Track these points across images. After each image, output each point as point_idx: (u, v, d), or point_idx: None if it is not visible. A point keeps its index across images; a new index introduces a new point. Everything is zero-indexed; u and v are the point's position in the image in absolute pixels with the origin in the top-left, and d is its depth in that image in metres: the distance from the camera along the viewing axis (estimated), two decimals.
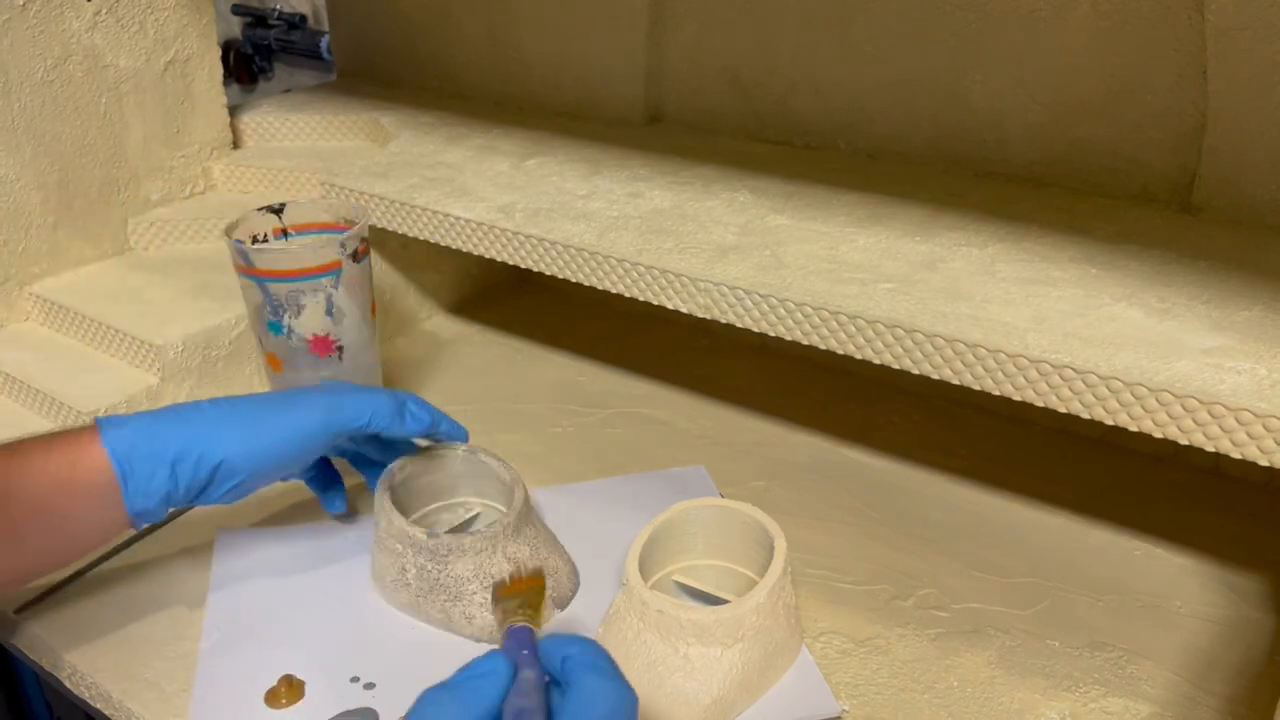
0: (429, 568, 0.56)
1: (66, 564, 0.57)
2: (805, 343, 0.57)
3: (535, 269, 0.67)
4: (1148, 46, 0.64)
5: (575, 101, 0.90)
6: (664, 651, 0.51)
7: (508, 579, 0.47)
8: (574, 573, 0.62)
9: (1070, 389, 0.50)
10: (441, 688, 0.39)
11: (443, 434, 0.62)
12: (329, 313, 0.66)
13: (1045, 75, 0.68)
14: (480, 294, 0.97)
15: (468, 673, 0.39)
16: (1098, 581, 0.62)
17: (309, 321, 0.65)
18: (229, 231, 0.66)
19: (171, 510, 0.56)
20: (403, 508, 0.60)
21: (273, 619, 0.59)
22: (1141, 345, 0.50)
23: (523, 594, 0.45)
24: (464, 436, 0.63)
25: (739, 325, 0.60)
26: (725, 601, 0.54)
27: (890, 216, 0.66)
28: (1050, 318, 0.53)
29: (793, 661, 0.55)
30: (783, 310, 0.57)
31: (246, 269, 0.64)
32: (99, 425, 0.52)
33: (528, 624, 0.43)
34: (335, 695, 0.54)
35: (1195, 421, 0.47)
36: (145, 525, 0.55)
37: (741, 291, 0.58)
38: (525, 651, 0.41)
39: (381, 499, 0.59)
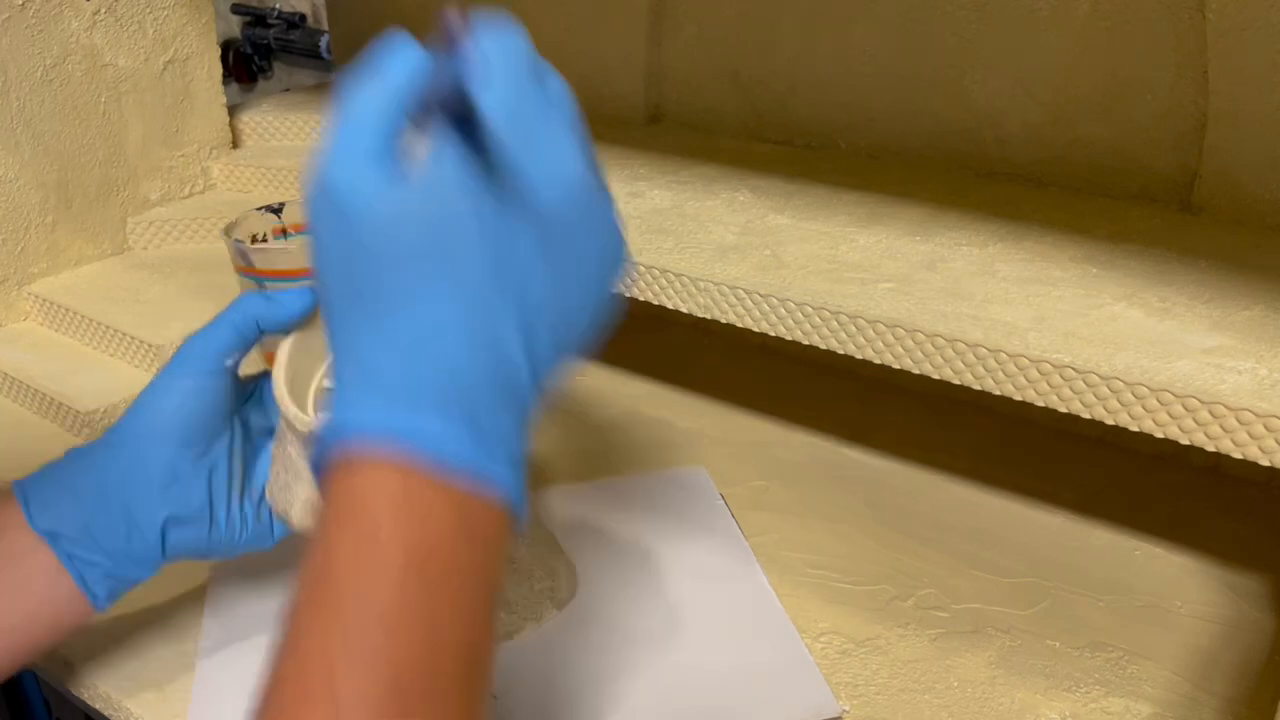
0: None
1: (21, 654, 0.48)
2: (805, 343, 0.57)
3: None
4: (1148, 46, 0.64)
5: (575, 101, 0.90)
6: None
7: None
8: (573, 573, 0.62)
9: (1071, 389, 0.49)
10: (354, 80, 0.37)
11: None
12: None
13: (1045, 74, 0.68)
14: None
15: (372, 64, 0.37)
16: (1098, 581, 0.62)
17: None
18: (228, 231, 0.66)
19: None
20: None
21: (273, 619, 0.58)
22: (1142, 345, 0.50)
23: None
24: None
25: (739, 325, 0.59)
26: None
27: (890, 216, 0.66)
28: (1050, 317, 0.53)
29: None
30: (783, 310, 0.57)
31: (246, 268, 0.64)
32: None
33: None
34: None
35: (1196, 421, 0.47)
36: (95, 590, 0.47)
37: (742, 291, 0.58)
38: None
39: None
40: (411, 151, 0.36)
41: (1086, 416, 0.50)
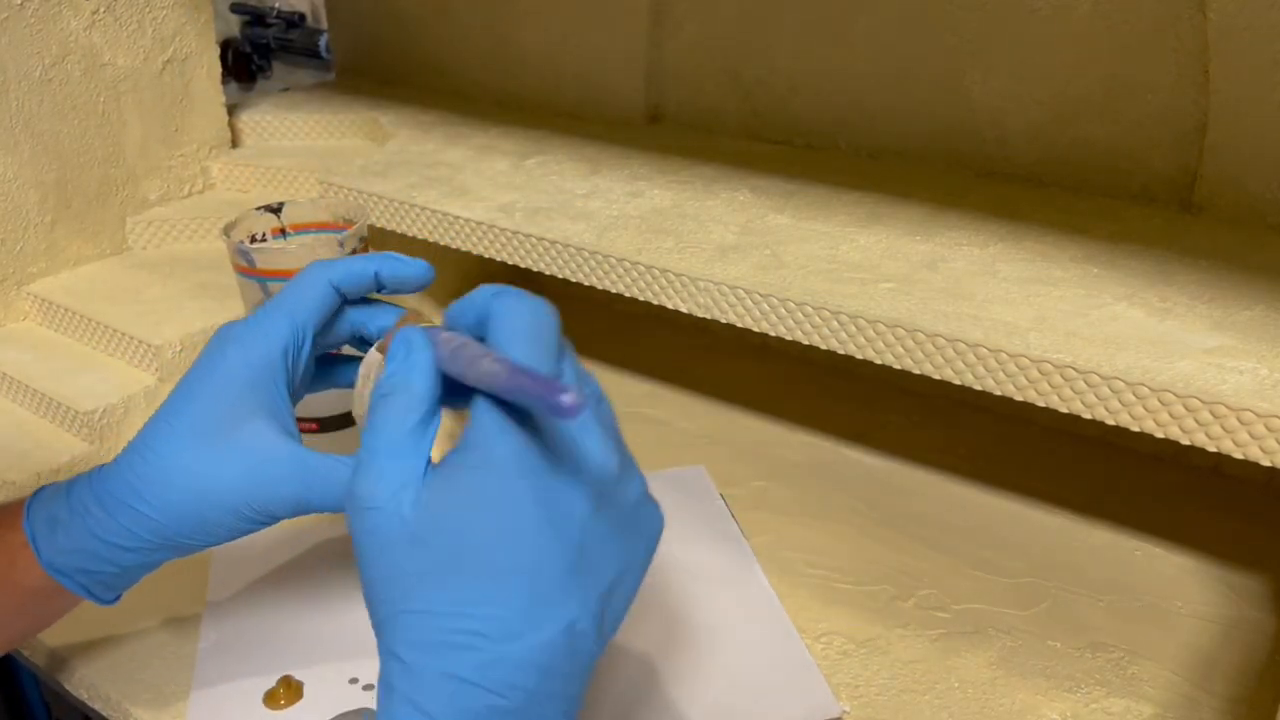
0: None
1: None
2: (805, 343, 0.57)
3: (535, 268, 0.67)
4: (1149, 45, 0.64)
5: (575, 101, 0.90)
6: None
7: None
8: None
9: (1072, 389, 0.49)
10: (376, 389, 0.38)
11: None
12: None
13: (1046, 74, 0.68)
14: None
15: (389, 366, 0.38)
16: (1098, 581, 0.62)
17: None
18: (227, 231, 0.66)
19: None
20: None
21: (271, 619, 0.59)
22: (1143, 345, 0.50)
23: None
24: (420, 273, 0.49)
25: (739, 325, 0.59)
26: None
27: (891, 216, 0.66)
28: (1051, 317, 0.53)
29: None
30: (783, 310, 0.57)
31: (245, 268, 0.64)
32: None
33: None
34: (334, 696, 0.53)
35: (1197, 421, 0.47)
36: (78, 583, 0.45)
37: (742, 291, 0.58)
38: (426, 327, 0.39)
39: None
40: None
41: (1087, 417, 0.50)
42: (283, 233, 0.69)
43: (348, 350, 0.51)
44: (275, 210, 0.69)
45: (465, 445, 0.35)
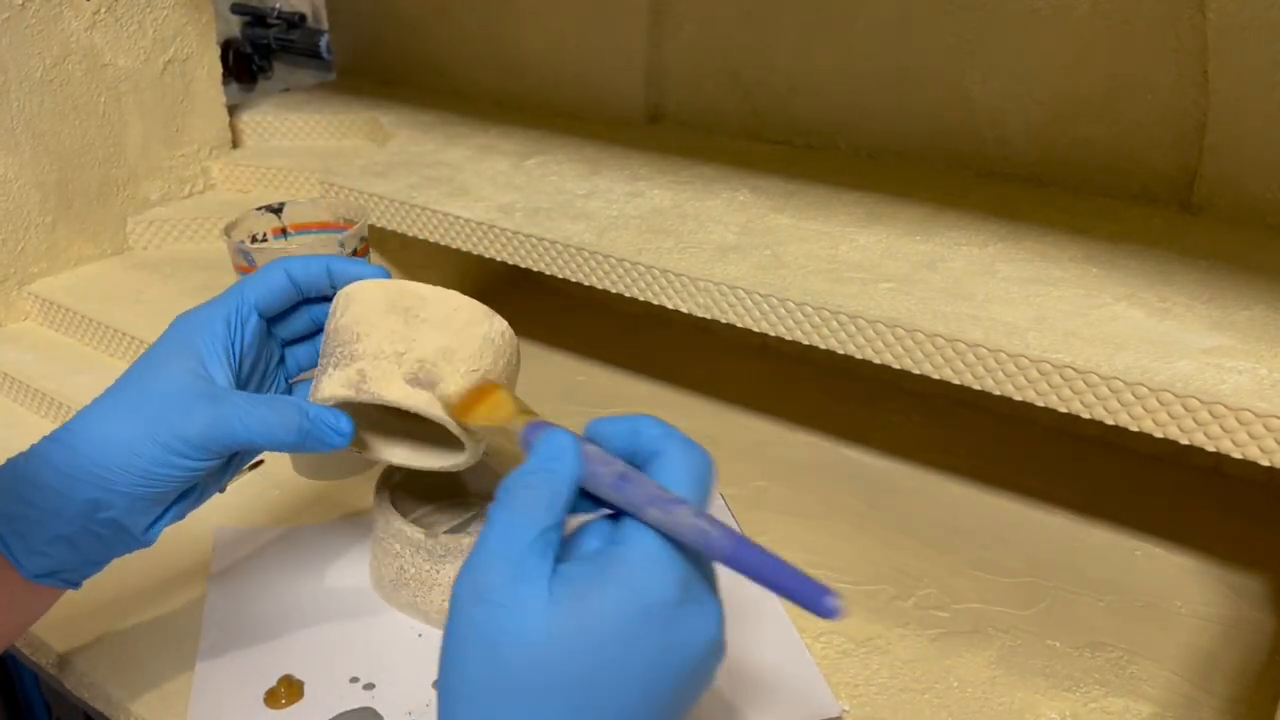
0: (427, 568, 0.56)
1: None
2: (805, 343, 0.57)
3: (535, 268, 0.67)
4: (1148, 45, 0.64)
5: (575, 101, 0.90)
6: None
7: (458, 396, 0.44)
8: None
9: (1071, 389, 0.50)
10: (516, 476, 0.36)
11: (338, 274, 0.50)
12: None
13: (1046, 73, 0.68)
14: (480, 294, 0.96)
15: (535, 461, 0.36)
16: (1098, 581, 0.62)
17: None
18: (228, 231, 0.66)
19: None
20: (402, 508, 0.60)
21: (272, 619, 0.59)
22: (1142, 345, 0.50)
23: (501, 404, 0.43)
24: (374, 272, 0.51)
25: (739, 325, 0.59)
26: None
27: (890, 216, 0.66)
28: (1051, 317, 0.53)
29: None
30: (783, 310, 0.57)
31: (246, 268, 0.64)
32: None
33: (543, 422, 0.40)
34: (335, 695, 0.53)
35: (1196, 421, 0.47)
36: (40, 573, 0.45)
37: (742, 291, 0.58)
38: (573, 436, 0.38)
39: (381, 499, 0.59)
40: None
41: (1087, 416, 0.50)
42: (283, 233, 0.69)
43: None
44: (276, 210, 0.69)
45: (609, 562, 0.34)
